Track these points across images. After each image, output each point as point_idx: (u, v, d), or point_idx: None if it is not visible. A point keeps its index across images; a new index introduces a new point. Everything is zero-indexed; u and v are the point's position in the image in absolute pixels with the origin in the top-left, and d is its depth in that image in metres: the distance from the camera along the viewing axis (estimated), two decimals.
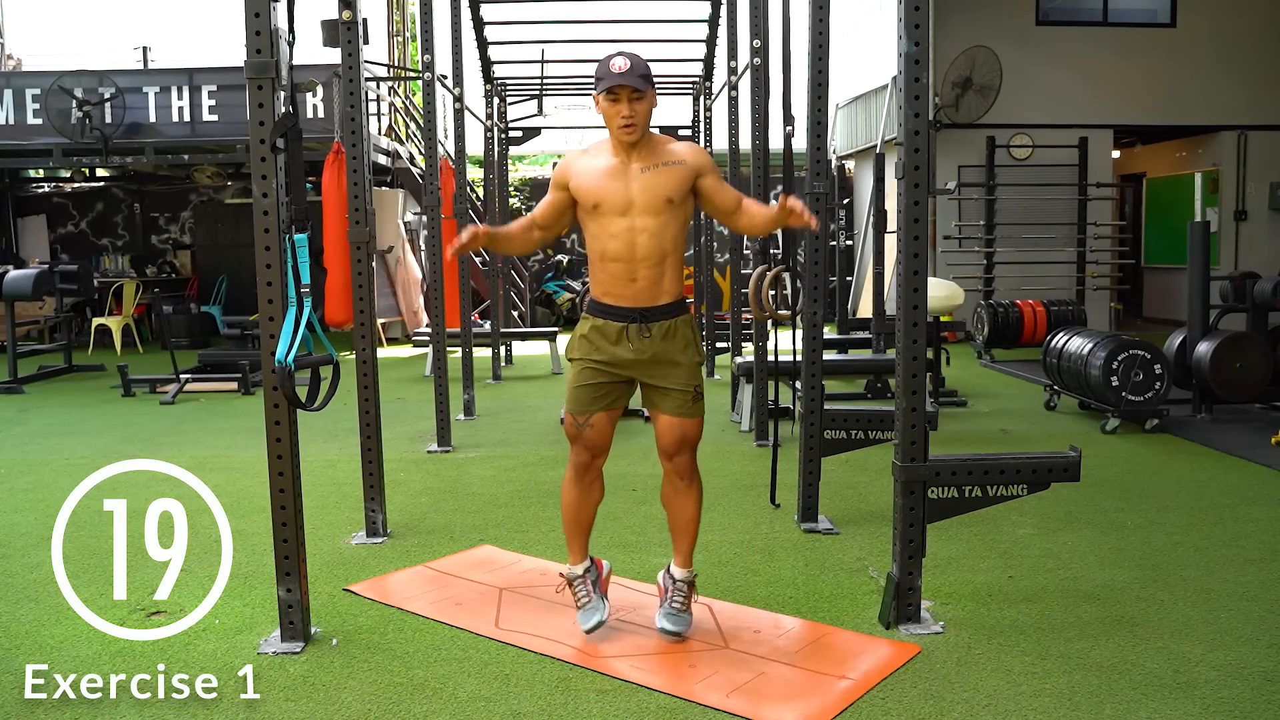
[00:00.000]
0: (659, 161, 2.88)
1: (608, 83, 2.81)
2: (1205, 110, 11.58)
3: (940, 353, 6.94)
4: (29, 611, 3.26)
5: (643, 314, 2.91)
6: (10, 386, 8.30)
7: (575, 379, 2.98)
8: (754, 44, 5.26)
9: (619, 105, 2.81)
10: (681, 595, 3.01)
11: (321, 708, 2.59)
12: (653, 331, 2.91)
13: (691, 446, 3.00)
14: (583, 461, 3.01)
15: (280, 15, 2.80)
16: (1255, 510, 4.37)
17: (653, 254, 2.88)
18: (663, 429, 2.98)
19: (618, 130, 2.84)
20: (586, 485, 3.04)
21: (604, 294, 2.94)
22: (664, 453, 3.01)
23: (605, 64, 2.84)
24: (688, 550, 3.06)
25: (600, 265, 2.93)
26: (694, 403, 2.96)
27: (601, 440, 3.00)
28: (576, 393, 2.97)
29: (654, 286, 2.90)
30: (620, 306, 2.92)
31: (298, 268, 2.82)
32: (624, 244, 2.87)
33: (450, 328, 7.64)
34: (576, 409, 2.97)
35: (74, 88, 10.78)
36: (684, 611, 3.01)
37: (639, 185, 2.86)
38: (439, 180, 6.07)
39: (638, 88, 2.80)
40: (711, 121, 9.27)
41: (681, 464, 3.00)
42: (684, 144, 2.99)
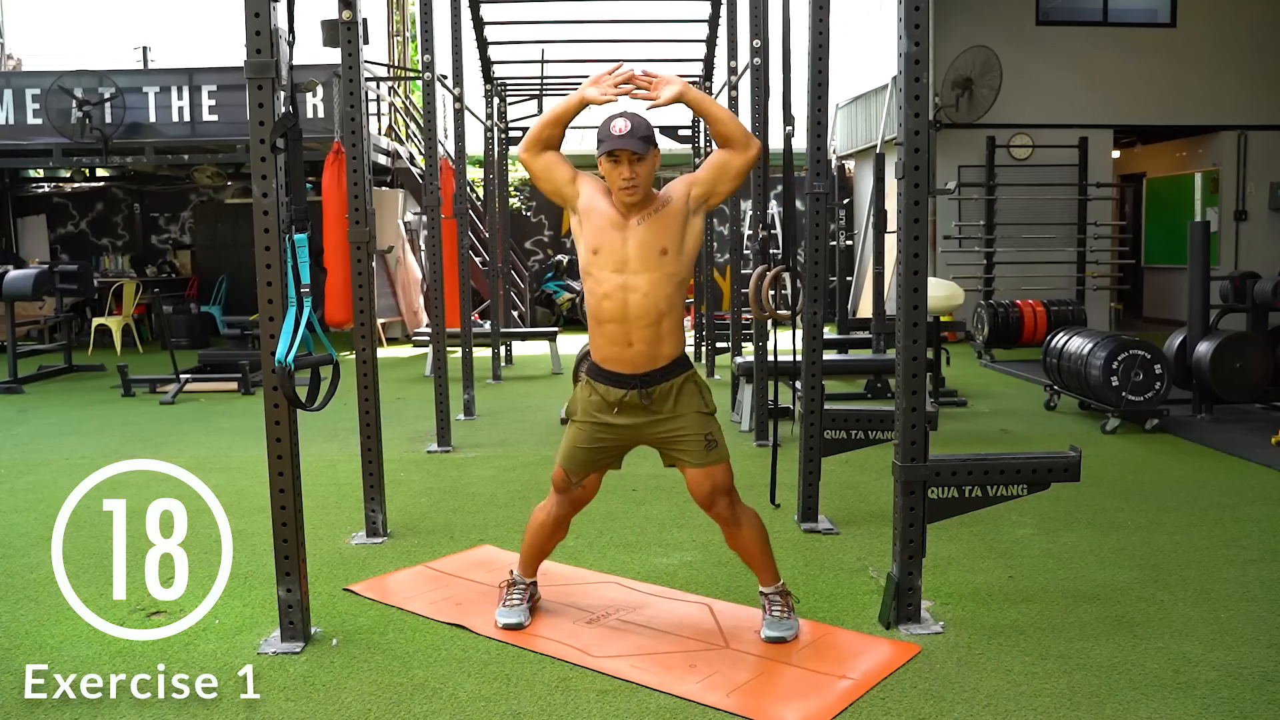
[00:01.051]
0: (651, 210, 2.85)
1: (608, 145, 2.79)
2: (1205, 110, 11.58)
3: (940, 353, 6.94)
4: (29, 611, 3.26)
5: (642, 380, 2.88)
6: (10, 386, 8.30)
7: (575, 438, 2.98)
8: (754, 44, 5.26)
9: (620, 167, 2.79)
10: (779, 605, 3.02)
11: (321, 708, 2.59)
12: (654, 397, 2.89)
13: (725, 492, 2.96)
14: (563, 513, 3.08)
15: (280, 15, 2.80)
16: (1255, 510, 4.37)
17: (647, 314, 2.83)
18: (691, 484, 2.98)
19: (619, 191, 2.82)
20: (558, 527, 3.12)
21: (603, 358, 2.92)
22: (702, 505, 3.01)
23: (606, 125, 2.82)
24: (766, 571, 3.04)
25: (597, 328, 2.91)
26: (709, 450, 2.92)
27: (588, 497, 3.07)
28: (575, 452, 2.98)
29: (651, 349, 2.86)
30: (618, 373, 2.89)
31: (298, 268, 2.82)
32: (617, 304, 2.83)
33: (450, 328, 7.64)
34: (571, 467, 2.99)
35: (74, 88, 10.77)
36: (786, 618, 3.01)
37: (635, 240, 2.83)
38: (439, 180, 6.07)
39: (637, 151, 2.78)
40: None
41: (722, 510, 2.98)
42: (670, 183, 2.93)
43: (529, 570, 3.18)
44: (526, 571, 3.17)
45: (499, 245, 10.35)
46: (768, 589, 3.05)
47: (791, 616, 3.03)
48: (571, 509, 3.07)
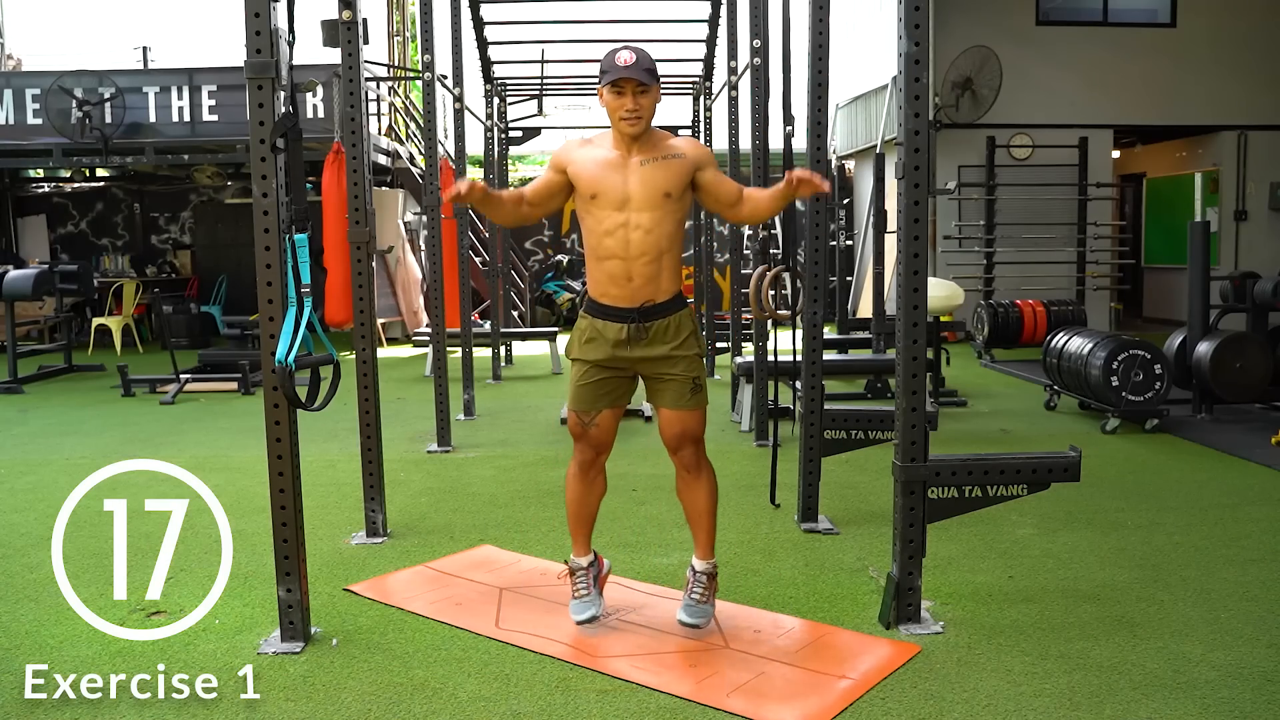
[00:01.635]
0: (658, 155, 2.88)
1: (613, 75, 2.82)
2: (1205, 110, 11.58)
3: (940, 353, 6.94)
4: (29, 611, 3.26)
5: (640, 313, 2.91)
6: (10, 386, 8.30)
7: (577, 377, 2.99)
8: (754, 44, 5.26)
9: (623, 98, 2.82)
10: (701, 586, 3.02)
11: (321, 708, 2.59)
12: (651, 330, 2.91)
13: (694, 439, 3.00)
14: (587, 459, 3.04)
15: (280, 15, 2.80)
16: (1255, 510, 4.37)
17: (649, 250, 2.87)
18: (664, 423, 3.00)
19: (620, 122, 2.85)
20: (590, 480, 3.07)
21: (601, 293, 2.95)
22: (668, 447, 3.02)
23: (610, 57, 2.85)
24: (705, 541, 3.06)
25: (596, 263, 2.93)
26: (693, 394, 2.96)
27: (605, 437, 3.02)
28: (579, 391, 2.98)
29: (651, 284, 2.90)
30: (617, 306, 2.92)
31: (298, 268, 2.82)
32: (619, 241, 2.87)
33: (450, 328, 7.64)
34: (580, 407, 2.98)
35: (74, 88, 10.77)
36: (703, 603, 3.01)
37: (637, 179, 2.86)
38: (439, 180, 6.07)
39: (643, 81, 2.82)
40: (711, 121, 9.26)
41: (686, 457, 3.01)
42: (683, 139, 2.99)
43: (582, 546, 3.11)
44: (580, 549, 3.11)
45: (499, 245, 10.35)
46: (700, 565, 3.05)
47: (710, 601, 3.04)
48: (593, 453, 3.03)
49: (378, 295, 9.60)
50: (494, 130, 10.18)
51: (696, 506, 3.06)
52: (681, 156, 2.91)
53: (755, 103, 5.34)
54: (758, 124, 5.33)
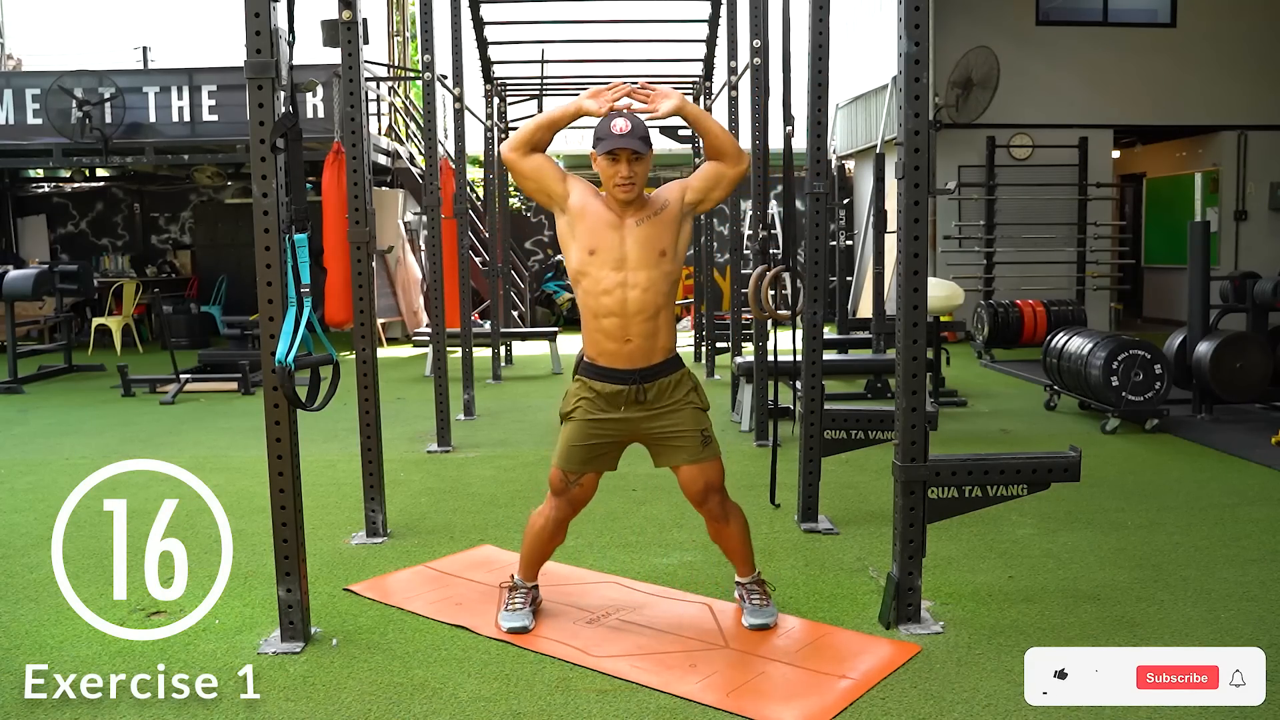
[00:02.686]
0: (650, 213, 2.89)
1: (609, 144, 2.83)
2: (1205, 110, 11.58)
3: (940, 353, 6.94)
4: (29, 611, 3.26)
5: (640, 375, 2.91)
6: (10, 386, 8.30)
7: (570, 436, 2.98)
8: (754, 44, 5.26)
9: (618, 166, 2.84)
10: (757, 594, 3.10)
11: (321, 708, 2.59)
12: (649, 394, 2.92)
13: (718, 489, 3.01)
14: (562, 515, 3.06)
15: (280, 15, 2.80)
16: (1255, 510, 4.37)
17: (646, 308, 2.88)
18: (684, 481, 3.01)
19: (615, 189, 2.86)
20: (557, 531, 3.09)
21: (598, 354, 2.94)
22: (694, 502, 3.04)
23: (606, 124, 2.86)
24: (745, 563, 3.13)
25: (593, 323, 2.93)
26: (705, 446, 2.96)
27: (587, 497, 3.05)
28: (570, 451, 2.97)
29: (649, 343, 2.90)
30: (615, 369, 2.91)
31: (298, 268, 2.82)
32: (617, 300, 2.87)
33: (450, 328, 7.64)
34: (569, 467, 2.98)
35: (74, 88, 10.77)
36: (766, 606, 3.09)
37: (634, 239, 2.87)
38: (439, 180, 6.07)
39: (638, 150, 2.83)
40: None
41: (714, 508, 3.03)
42: (664, 187, 2.96)
43: (529, 574, 3.17)
44: (527, 576, 3.17)
45: (499, 245, 10.35)
46: (745, 579, 3.13)
47: (770, 604, 3.10)
48: (570, 510, 3.06)
49: (378, 295, 9.60)
50: (494, 130, 10.18)
51: (733, 544, 3.10)
52: (668, 205, 2.91)
53: (755, 103, 5.34)
54: (758, 124, 5.33)
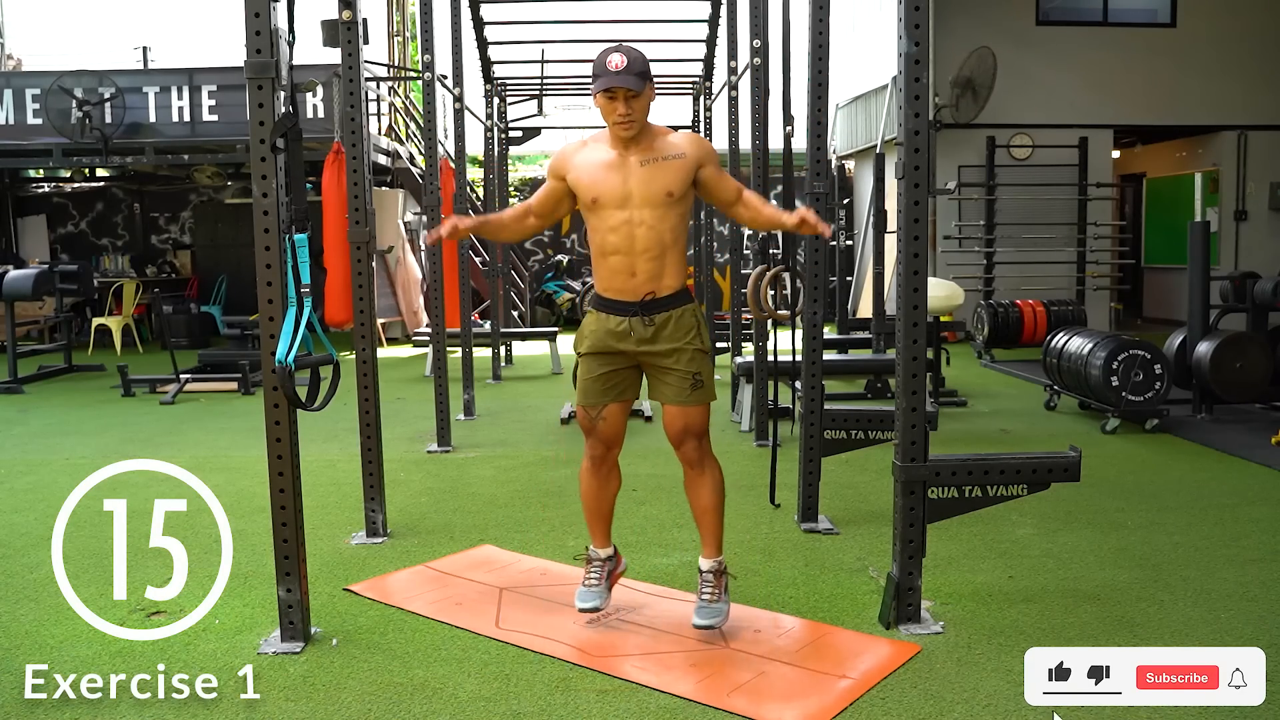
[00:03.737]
0: (659, 155, 2.89)
1: (604, 82, 2.82)
2: (1205, 110, 11.58)
3: (940, 353, 6.94)
4: (29, 611, 3.26)
5: (644, 306, 2.92)
6: (10, 386, 8.30)
7: (584, 371, 3.02)
8: (754, 44, 5.26)
9: (615, 103, 2.83)
10: (710, 586, 3.01)
11: (321, 708, 2.59)
12: (655, 322, 2.93)
13: (696, 435, 3.00)
14: (598, 454, 3.06)
15: (280, 15, 2.80)
16: (1255, 510, 4.37)
17: (652, 247, 2.90)
18: (666, 418, 3.03)
19: (614, 126, 2.87)
20: (604, 476, 3.10)
21: (605, 288, 2.97)
22: (672, 442, 3.04)
23: (602, 60, 2.84)
24: (711, 540, 3.06)
25: (601, 259, 2.96)
26: (694, 390, 2.96)
27: (615, 431, 3.05)
28: (586, 385, 3.01)
29: (654, 280, 2.92)
30: (622, 300, 2.94)
31: (298, 268, 2.82)
32: (623, 237, 2.89)
33: (450, 328, 7.64)
34: (588, 401, 3.01)
35: (74, 88, 10.77)
36: (715, 602, 2.99)
37: (638, 178, 2.87)
38: (439, 180, 6.07)
39: (634, 88, 2.81)
40: (711, 121, 9.26)
41: (689, 452, 3.02)
42: (683, 135, 2.98)
43: (602, 539, 3.15)
44: (601, 541, 3.15)
45: (499, 245, 10.34)
46: (707, 564, 3.03)
47: (723, 598, 3.01)
48: (604, 448, 3.05)
49: (378, 295, 9.60)
50: (494, 130, 10.18)
51: (701, 503, 3.06)
52: (683, 156, 2.91)
53: (755, 103, 5.34)
54: (758, 124, 5.33)
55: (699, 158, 2.94)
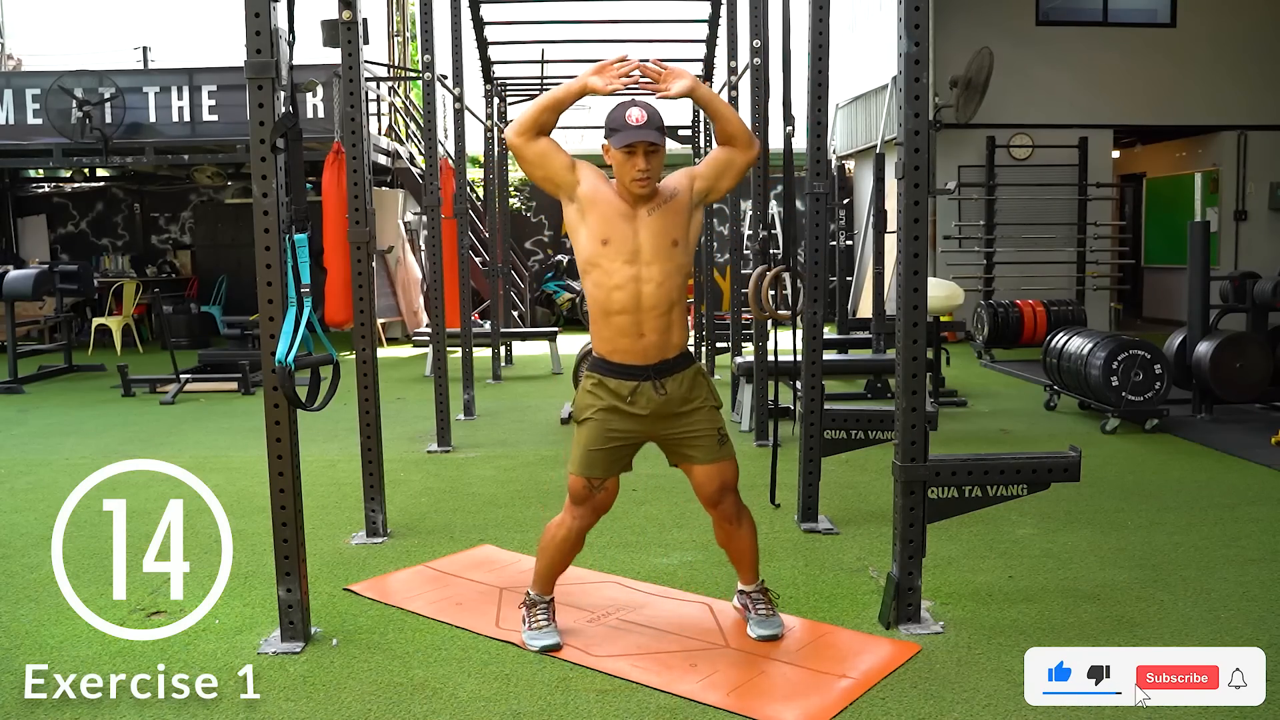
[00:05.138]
0: (660, 202, 2.80)
1: (627, 137, 2.71)
2: (1205, 110, 11.58)
3: (940, 353, 6.94)
4: (29, 611, 3.27)
5: (655, 370, 2.83)
6: (10, 386, 8.30)
7: (589, 441, 2.85)
8: (754, 44, 5.26)
9: (635, 158, 2.72)
10: (763, 604, 3.03)
11: (321, 708, 2.59)
12: (668, 389, 2.84)
13: (733, 489, 2.95)
14: (586, 524, 2.93)
15: (280, 15, 2.80)
16: (1255, 510, 4.37)
17: (660, 303, 2.79)
18: (701, 481, 2.93)
19: (631, 183, 2.75)
20: (579, 542, 2.98)
21: (611, 351, 2.84)
22: (707, 503, 2.96)
23: (620, 114, 2.75)
24: (751, 570, 3.06)
25: (605, 320, 2.82)
26: (721, 445, 2.91)
27: (610, 502, 2.94)
28: (591, 456, 2.85)
29: (663, 338, 2.82)
30: (630, 365, 2.82)
31: (298, 268, 2.82)
32: (630, 295, 2.78)
33: (450, 328, 7.64)
34: (590, 473, 2.86)
35: (74, 88, 10.77)
36: (772, 616, 3.02)
37: (647, 230, 2.78)
38: (439, 180, 6.07)
39: (654, 142, 2.73)
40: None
41: (728, 509, 2.96)
42: (672, 176, 2.89)
43: (546, 588, 3.04)
44: (544, 589, 3.03)
45: (499, 245, 10.35)
46: (749, 587, 3.06)
47: (776, 614, 3.03)
48: (593, 517, 2.93)
49: (378, 295, 9.60)
50: (494, 130, 10.18)
51: (742, 548, 3.03)
52: (678, 194, 2.83)
53: (755, 103, 5.34)
54: (758, 124, 5.33)
55: (688, 181, 2.85)
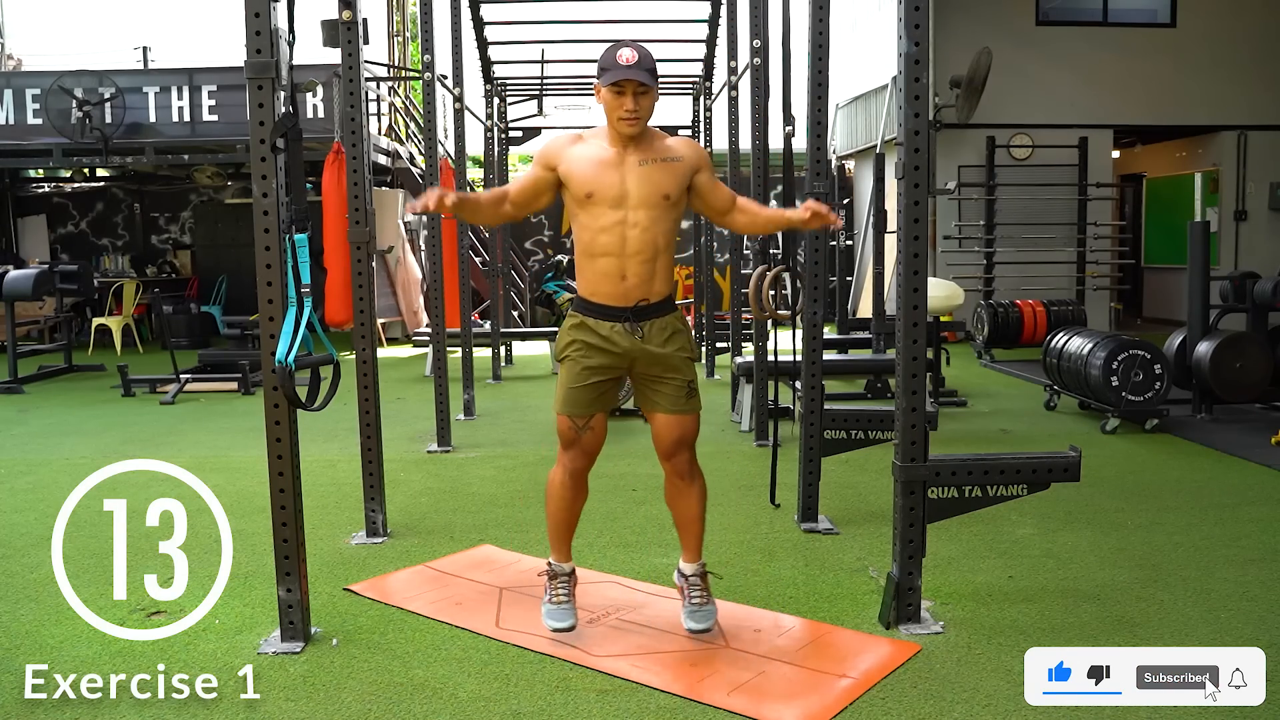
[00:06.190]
0: (657, 156, 2.83)
1: (614, 75, 2.74)
2: (1205, 110, 11.58)
3: (940, 353, 6.94)
4: (29, 611, 3.27)
5: (633, 313, 2.84)
6: (10, 386, 8.30)
7: (570, 379, 2.88)
8: (754, 44, 5.26)
9: (623, 98, 2.76)
10: (698, 590, 2.98)
11: (321, 708, 2.59)
12: (644, 330, 2.85)
13: (690, 444, 2.95)
14: (579, 467, 2.95)
15: (280, 15, 2.80)
16: (1255, 510, 4.37)
17: (645, 249, 2.81)
18: (660, 428, 2.94)
19: (619, 122, 2.79)
20: (578, 488, 2.99)
21: (592, 291, 2.87)
22: (663, 454, 2.96)
23: (611, 54, 2.77)
24: (695, 546, 3.02)
25: (589, 261, 2.86)
26: (689, 398, 2.91)
27: (598, 442, 2.95)
28: (573, 394, 2.88)
29: (645, 284, 2.84)
30: (610, 305, 2.85)
31: (298, 268, 2.82)
32: (615, 238, 2.80)
33: (450, 328, 7.64)
34: (574, 410, 2.88)
35: (74, 88, 10.77)
36: (706, 605, 2.97)
37: (635, 178, 2.81)
38: (439, 180, 6.07)
39: (644, 82, 2.75)
40: (711, 121, 9.27)
41: (681, 463, 2.95)
42: (679, 139, 2.94)
43: (563, 552, 3.03)
44: (561, 554, 3.03)
45: (499, 245, 10.35)
46: (689, 568, 3.01)
47: (711, 601, 2.99)
48: (585, 460, 2.94)
49: (378, 295, 9.60)
50: (494, 130, 10.18)
51: (688, 513, 3.00)
52: (680, 159, 2.86)
53: (755, 103, 5.34)
54: (758, 124, 5.33)
55: (695, 163, 2.88)
